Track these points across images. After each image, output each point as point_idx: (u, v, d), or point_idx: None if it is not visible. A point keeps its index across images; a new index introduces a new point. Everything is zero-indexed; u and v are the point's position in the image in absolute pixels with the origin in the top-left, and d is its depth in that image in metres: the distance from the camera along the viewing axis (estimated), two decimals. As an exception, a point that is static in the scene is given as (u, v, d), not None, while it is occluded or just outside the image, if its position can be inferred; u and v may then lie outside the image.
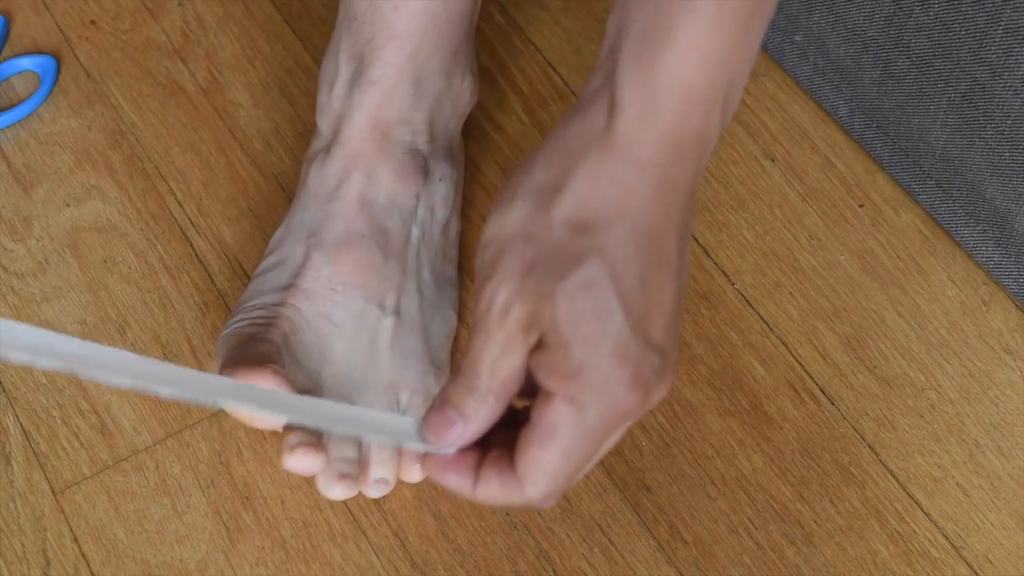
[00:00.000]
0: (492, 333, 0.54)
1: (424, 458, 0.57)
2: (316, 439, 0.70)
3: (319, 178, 0.76)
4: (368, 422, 0.61)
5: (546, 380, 0.54)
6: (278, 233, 0.77)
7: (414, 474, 0.72)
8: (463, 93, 0.79)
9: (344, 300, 0.73)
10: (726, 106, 0.53)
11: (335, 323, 0.73)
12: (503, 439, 0.56)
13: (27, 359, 0.58)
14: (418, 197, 0.76)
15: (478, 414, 0.55)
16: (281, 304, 0.73)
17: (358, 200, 0.75)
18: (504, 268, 0.54)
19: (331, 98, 0.76)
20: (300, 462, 0.69)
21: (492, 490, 0.56)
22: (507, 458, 0.55)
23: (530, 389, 0.55)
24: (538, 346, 0.54)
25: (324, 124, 0.77)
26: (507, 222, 0.54)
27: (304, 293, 0.73)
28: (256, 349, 0.70)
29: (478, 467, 0.56)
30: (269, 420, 0.67)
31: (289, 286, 0.73)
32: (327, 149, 0.76)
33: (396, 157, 0.75)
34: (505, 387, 0.55)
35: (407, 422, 0.58)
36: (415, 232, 0.76)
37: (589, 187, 0.53)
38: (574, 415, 0.53)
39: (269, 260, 0.75)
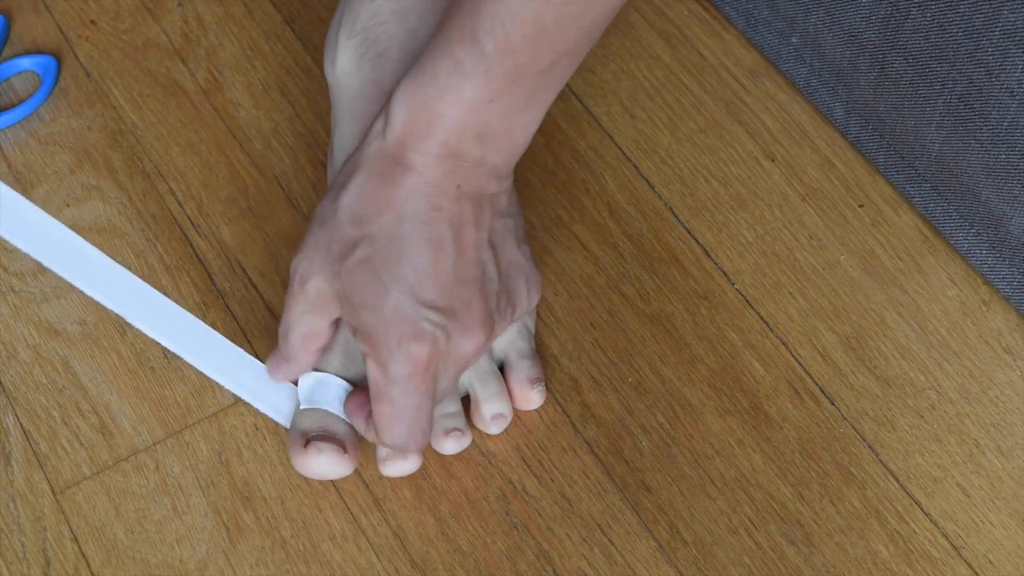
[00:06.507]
0: (295, 297, 0.68)
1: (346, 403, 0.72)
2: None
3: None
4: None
5: (359, 344, 0.66)
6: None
7: (532, 400, 0.75)
8: None
9: None
10: (483, 139, 0.64)
11: None
12: None
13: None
14: None
15: (291, 361, 0.71)
16: None
17: None
18: (306, 246, 0.67)
19: (335, 71, 0.79)
20: (397, 470, 0.73)
21: (372, 435, 0.70)
22: None
23: None
24: (345, 315, 0.67)
25: (333, 88, 0.80)
26: (316, 211, 0.68)
27: None
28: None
29: (368, 418, 0.70)
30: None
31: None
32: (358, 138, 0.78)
33: None
34: (306, 344, 0.70)
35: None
36: None
37: (365, 181, 0.65)
38: (380, 371, 0.66)
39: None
